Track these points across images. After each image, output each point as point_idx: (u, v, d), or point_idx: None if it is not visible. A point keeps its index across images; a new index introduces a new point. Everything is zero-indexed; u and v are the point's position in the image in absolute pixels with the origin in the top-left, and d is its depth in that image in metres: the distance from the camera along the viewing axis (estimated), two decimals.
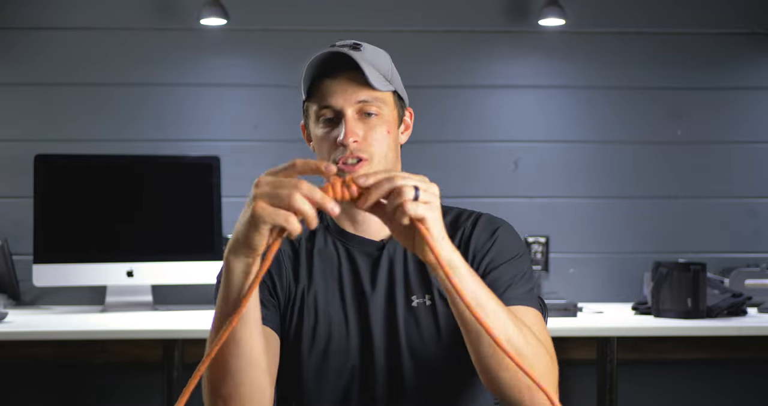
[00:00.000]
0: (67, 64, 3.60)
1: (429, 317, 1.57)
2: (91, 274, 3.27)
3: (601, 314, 3.20)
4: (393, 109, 1.60)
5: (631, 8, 3.71)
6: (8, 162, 3.55)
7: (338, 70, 1.55)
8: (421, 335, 1.56)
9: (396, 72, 1.63)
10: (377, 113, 1.56)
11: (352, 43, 1.59)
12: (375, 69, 1.56)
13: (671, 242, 3.67)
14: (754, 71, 3.72)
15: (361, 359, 1.56)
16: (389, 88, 1.58)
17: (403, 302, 1.58)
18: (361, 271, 1.60)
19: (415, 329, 1.57)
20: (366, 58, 1.55)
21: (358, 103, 1.55)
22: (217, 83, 3.63)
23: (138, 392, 3.44)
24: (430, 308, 1.58)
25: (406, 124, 1.66)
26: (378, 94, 1.56)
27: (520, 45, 3.68)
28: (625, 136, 3.69)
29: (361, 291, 1.59)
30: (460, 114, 3.63)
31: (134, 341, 2.95)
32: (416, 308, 1.58)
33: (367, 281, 1.59)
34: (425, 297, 1.58)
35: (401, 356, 1.56)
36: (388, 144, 1.56)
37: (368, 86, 1.53)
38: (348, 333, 1.57)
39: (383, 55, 1.61)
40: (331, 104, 1.55)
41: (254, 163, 3.61)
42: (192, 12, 3.57)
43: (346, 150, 1.53)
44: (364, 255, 1.61)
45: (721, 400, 3.61)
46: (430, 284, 1.59)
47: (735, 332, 2.97)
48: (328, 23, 3.62)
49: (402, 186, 1.19)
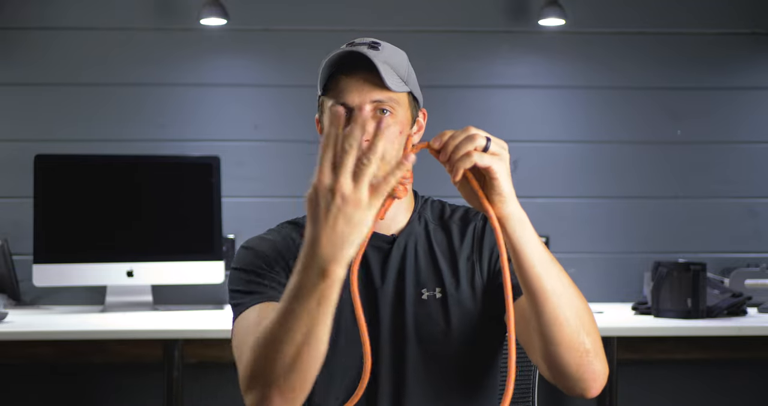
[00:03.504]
0: (67, 64, 3.60)
1: (439, 310, 1.59)
2: (91, 274, 3.27)
3: (601, 314, 3.20)
4: (407, 110, 1.61)
5: (631, 8, 3.71)
6: (8, 162, 3.55)
7: (355, 69, 1.57)
8: (431, 328, 1.58)
9: (412, 72, 1.64)
10: (391, 113, 1.58)
11: (370, 41, 1.60)
12: (392, 69, 1.58)
13: (671, 242, 3.67)
14: (754, 71, 3.72)
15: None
16: (404, 89, 1.60)
17: (413, 295, 1.60)
18: (372, 264, 1.61)
19: (424, 321, 1.58)
20: (384, 58, 1.57)
21: (373, 103, 1.56)
22: (218, 83, 3.63)
23: (138, 392, 3.44)
24: (440, 300, 1.59)
25: (419, 125, 1.67)
26: (393, 94, 1.57)
27: (520, 45, 3.68)
28: (625, 136, 3.69)
29: (371, 284, 1.60)
30: (460, 114, 3.63)
31: (134, 341, 2.94)
32: (426, 301, 1.59)
33: (377, 274, 1.61)
34: (436, 290, 1.60)
35: (407, 347, 1.58)
36: (400, 144, 1.58)
37: (384, 86, 1.55)
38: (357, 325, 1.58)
39: (401, 55, 1.62)
40: (346, 102, 1.57)
41: (254, 163, 3.61)
42: (192, 12, 3.57)
43: None
44: (374, 249, 1.62)
45: (721, 400, 3.61)
46: (442, 277, 1.61)
47: (735, 332, 2.98)
48: (328, 23, 3.62)
49: (475, 134, 1.30)
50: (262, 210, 3.56)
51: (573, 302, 1.38)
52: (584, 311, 1.39)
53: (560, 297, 1.37)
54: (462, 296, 1.60)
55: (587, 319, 1.40)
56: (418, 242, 1.63)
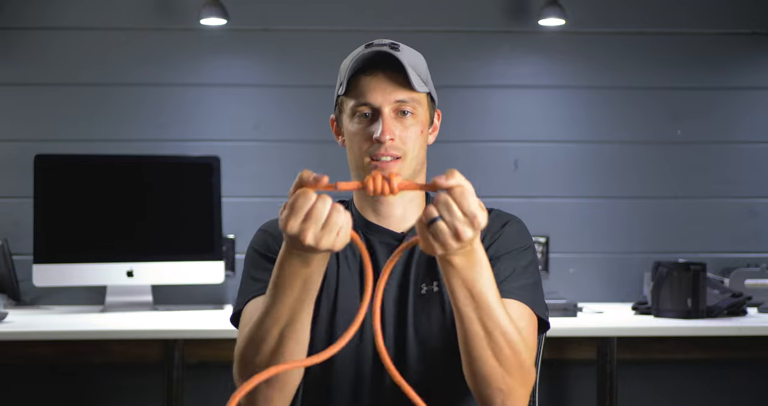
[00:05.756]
0: (67, 64, 3.60)
1: (437, 303, 1.61)
2: (91, 274, 3.27)
3: (601, 314, 3.20)
4: (426, 110, 1.64)
5: (631, 8, 3.70)
6: (8, 162, 3.55)
7: (377, 69, 1.59)
8: (429, 322, 1.60)
9: (429, 73, 1.67)
10: (413, 113, 1.60)
11: (390, 43, 1.63)
12: (414, 70, 1.60)
13: (671, 242, 3.67)
14: (754, 71, 3.72)
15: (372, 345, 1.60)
16: (425, 89, 1.63)
17: (414, 291, 1.62)
18: (379, 260, 1.63)
19: (423, 315, 1.61)
20: (406, 59, 1.60)
21: (396, 103, 1.59)
22: (217, 83, 3.63)
23: (138, 392, 3.44)
24: (437, 294, 1.62)
25: (434, 126, 1.70)
26: (415, 95, 1.60)
27: (520, 45, 3.68)
28: (625, 136, 3.69)
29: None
30: (460, 114, 3.63)
31: (134, 341, 2.95)
32: (425, 296, 1.62)
33: None
34: (433, 284, 1.62)
35: (407, 342, 1.60)
36: (420, 144, 1.62)
37: (406, 86, 1.58)
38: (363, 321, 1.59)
39: (420, 57, 1.66)
40: (369, 102, 1.59)
41: (254, 163, 3.61)
42: (192, 12, 3.56)
43: (382, 147, 1.58)
44: (383, 245, 1.65)
45: (721, 400, 3.61)
46: (437, 271, 1.62)
47: (735, 332, 2.98)
48: (328, 23, 3.62)
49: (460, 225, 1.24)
50: (262, 210, 3.55)
51: (497, 345, 1.41)
52: (509, 352, 1.42)
53: (483, 340, 1.40)
54: None
55: (510, 359, 1.43)
56: None
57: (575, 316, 3.07)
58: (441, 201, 1.23)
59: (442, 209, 1.23)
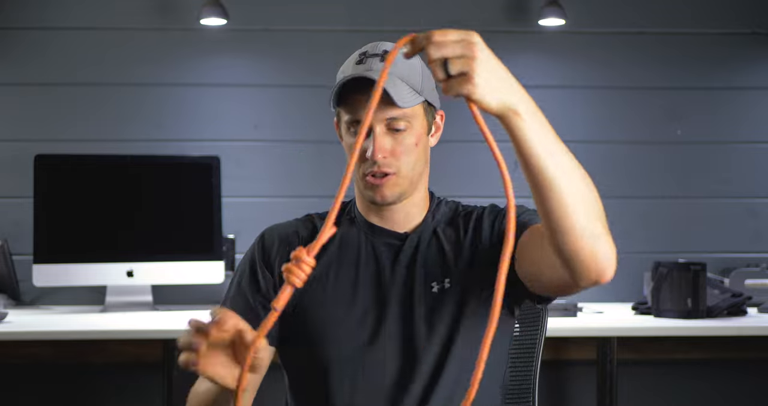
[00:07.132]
0: (66, 64, 3.60)
1: (451, 300, 1.60)
2: (91, 274, 3.27)
3: (601, 314, 3.20)
4: (422, 120, 1.62)
5: (631, 8, 3.70)
6: (8, 162, 3.55)
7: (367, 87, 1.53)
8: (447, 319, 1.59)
9: (427, 75, 1.61)
10: (406, 129, 1.58)
11: (383, 51, 1.59)
12: (405, 83, 1.57)
13: (671, 242, 3.67)
14: (754, 71, 3.72)
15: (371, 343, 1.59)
16: (418, 100, 1.59)
17: (422, 290, 1.61)
18: (382, 259, 1.63)
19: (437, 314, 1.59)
20: (396, 71, 1.55)
21: (388, 120, 1.57)
22: (217, 83, 3.63)
23: (138, 392, 3.44)
24: (449, 291, 1.60)
25: (436, 126, 1.68)
26: (407, 110, 1.57)
27: (520, 45, 3.68)
28: (625, 136, 3.69)
29: (379, 278, 1.63)
30: (459, 114, 3.61)
31: (134, 341, 2.95)
32: (437, 294, 1.61)
33: (387, 269, 1.63)
34: (444, 281, 1.61)
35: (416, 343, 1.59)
36: (416, 155, 1.60)
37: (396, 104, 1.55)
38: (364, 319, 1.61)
39: (414, 63, 1.60)
40: (361, 119, 1.56)
41: (254, 163, 3.61)
42: (192, 12, 3.56)
43: (375, 165, 1.57)
44: (386, 245, 1.65)
45: (721, 400, 3.61)
46: (448, 267, 1.62)
47: (735, 332, 2.97)
48: (328, 23, 3.62)
49: (433, 67, 1.23)
50: (262, 210, 3.56)
51: (578, 189, 1.40)
52: (590, 195, 1.41)
53: (564, 187, 1.39)
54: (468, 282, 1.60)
55: (594, 202, 1.42)
56: (427, 239, 1.65)
57: (575, 316, 3.06)
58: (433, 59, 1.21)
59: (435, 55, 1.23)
